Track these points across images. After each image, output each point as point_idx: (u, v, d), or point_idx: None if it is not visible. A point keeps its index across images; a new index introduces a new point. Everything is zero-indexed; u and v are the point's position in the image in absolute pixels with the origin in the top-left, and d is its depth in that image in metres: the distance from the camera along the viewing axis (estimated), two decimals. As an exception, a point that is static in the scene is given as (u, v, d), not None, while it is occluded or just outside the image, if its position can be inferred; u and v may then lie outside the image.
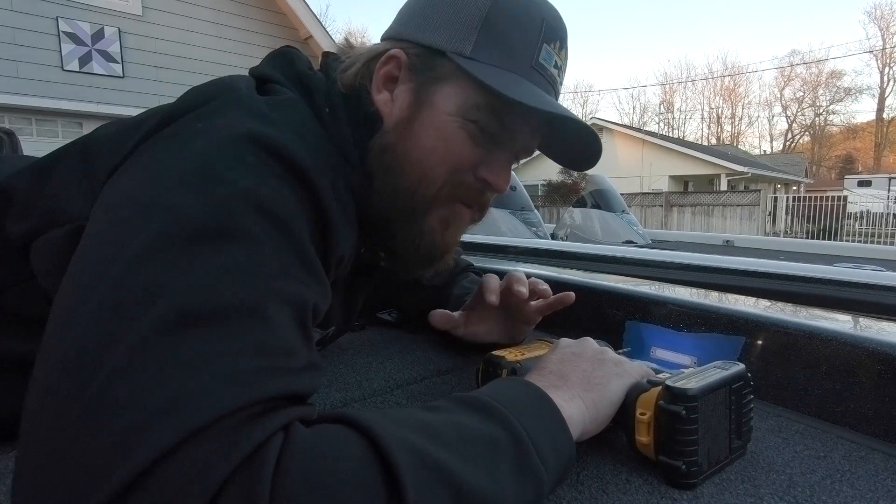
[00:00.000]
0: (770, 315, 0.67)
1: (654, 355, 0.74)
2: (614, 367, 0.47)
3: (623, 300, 0.81)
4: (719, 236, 3.89)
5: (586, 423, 0.43)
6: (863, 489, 0.43)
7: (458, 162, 0.51)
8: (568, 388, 0.43)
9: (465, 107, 0.50)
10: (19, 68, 5.25)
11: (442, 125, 0.50)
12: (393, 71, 0.52)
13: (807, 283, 1.38)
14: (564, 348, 0.50)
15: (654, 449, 0.43)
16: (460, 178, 0.52)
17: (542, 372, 0.46)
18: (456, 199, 0.54)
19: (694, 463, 0.42)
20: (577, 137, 0.54)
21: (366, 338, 0.86)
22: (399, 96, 0.52)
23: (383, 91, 0.52)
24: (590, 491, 0.42)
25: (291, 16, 6.71)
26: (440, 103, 0.50)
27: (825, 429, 0.55)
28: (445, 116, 0.50)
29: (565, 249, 2.17)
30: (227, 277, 0.32)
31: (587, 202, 4.43)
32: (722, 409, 0.45)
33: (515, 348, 0.59)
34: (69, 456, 0.25)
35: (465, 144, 0.51)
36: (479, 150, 0.52)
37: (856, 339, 0.57)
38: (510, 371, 0.54)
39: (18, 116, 5.38)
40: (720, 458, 0.45)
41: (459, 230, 0.57)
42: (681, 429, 0.42)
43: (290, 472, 0.26)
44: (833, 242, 5.70)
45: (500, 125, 0.51)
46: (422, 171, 0.51)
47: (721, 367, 0.47)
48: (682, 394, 0.42)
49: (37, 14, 5.29)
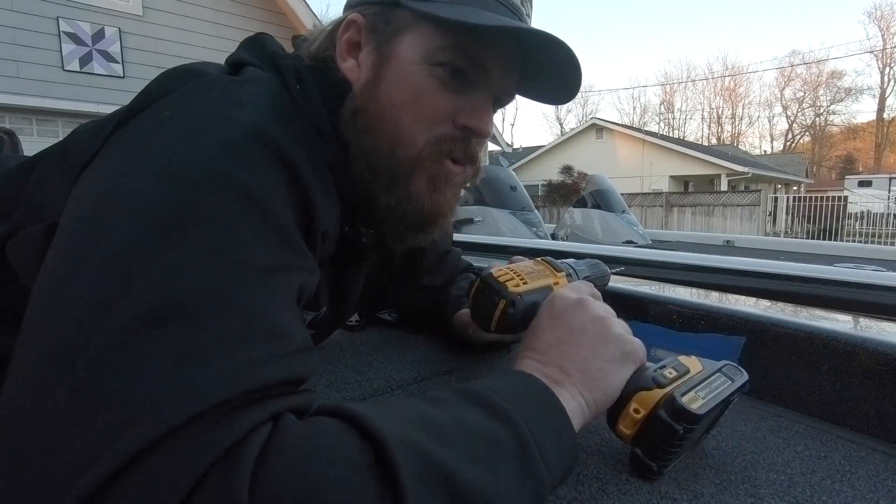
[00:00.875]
0: (770, 315, 0.67)
1: (655, 355, 0.74)
2: (616, 352, 0.44)
3: (623, 300, 0.81)
4: (719, 236, 3.90)
5: (585, 420, 0.42)
6: (863, 489, 0.43)
7: (433, 113, 0.49)
8: (569, 384, 0.42)
9: (429, 52, 0.48)
10: (20, 68, 5.24)
11: (409, 76, 0.48)
12: (354, 36, 0.51)
13: (807, 283, 1.38)
14: (562, 315, 0.47)
15: (633, 440, 0.42)
16: (440, 130, 0.50)
17: (540, 357, 0.44)
18: (443, 156, 0.51)
19: (666, 465, 0.42)
20: (554, 64, 0.50)
21: (366, 338, 0.86)
22: (364, 59, 0.50)
23: (348, 59, 0.51)
24: (590, 491, 0.42)
25: (291, 16, 6.72)
26: (403, 54, 0.48)
27: (825, 429, 0.55)
28: (411, 66, 0.48)
29: (565, 250, 2.17)
30: (203, 266, 0.31)
31: (587, 202, 4.43)
32: (711, 420, 0.44)
33: (517, 269, 0.53)
34: (42, 456, 0.25)
35: (437, 93, 0.48)
36: (453, 97, 0.49)
37: (856, 340, 0.57)
38: (509, 303, 0.50)
39: (19, 116, 5.38)
40: (686, 455, 0.45)
41: (451, 190, 0.54)
42: (672, 443, 0.40)
43: (274, 467, 0.25)
44: (833, 243, 5.70)
45: (468, 62, 0.49)
46: (398, 129, 0.49)
47: (729, 374, 0.45)
48: (687, 414, 0.39)
49: (37, 14, 5.29)
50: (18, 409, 0.27)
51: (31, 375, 0.28)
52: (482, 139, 0.52)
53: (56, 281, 0.32)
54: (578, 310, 0.47)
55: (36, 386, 0.27)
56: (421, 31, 0.48)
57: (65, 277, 0.31)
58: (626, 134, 19.76)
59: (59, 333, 0.28)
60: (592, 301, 0.48)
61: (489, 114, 0.52)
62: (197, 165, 0.35)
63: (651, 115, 39.51)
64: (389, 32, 0.49)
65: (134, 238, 0.31)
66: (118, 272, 0.30)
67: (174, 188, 0.33)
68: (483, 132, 0.51)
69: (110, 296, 0.29)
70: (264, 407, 0.28)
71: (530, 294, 0.51)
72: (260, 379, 0.28)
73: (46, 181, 0.45)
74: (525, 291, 0.51)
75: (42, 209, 0.43)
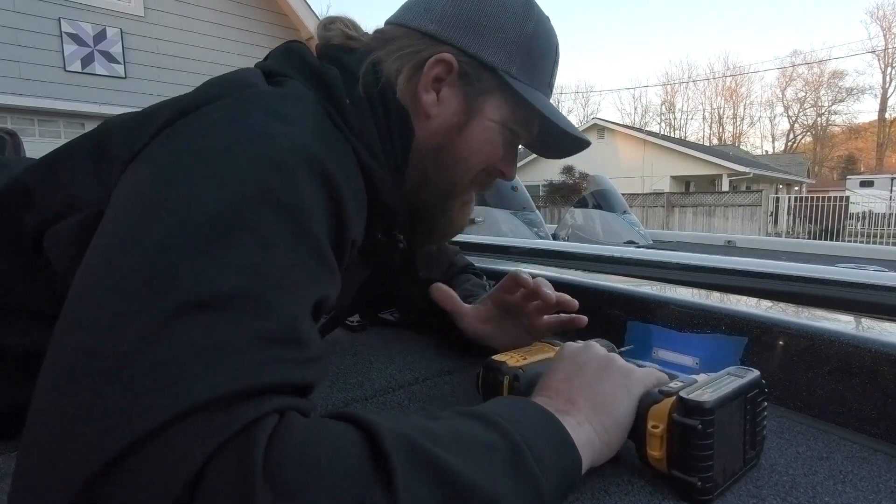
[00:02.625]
0: (772, 316, 0.67)
1: (656, 356, 0.74)
2: (622, 380, 0.45)
3: (624, 300, 0.81)
4: (721, 237, 3.89)
5: (596, 451, 0.41)
6: (865, 490, 0.43)
7: (492, 160, 0.60)
8: (576, 412, 0.42)
9: (506, 117, 0.58)
10: (22, 69, 5.26)
11: (489, 131, 0.58)
12: (442, 74, 0.55)
13: (809, 283, 1.38)
14: (568, 358, 0.49)
15: (667, 463, 0.41)
16: (487, 171, 0.61)
17: (548, 393, 0.45)
18: (476, 186, 0.63)
19: (709, 479, 0.40)
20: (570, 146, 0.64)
21: (367, 338, 0.86)
22: (446, 99, 0.56)
23: (430, 91, 0.56)
24: (592, 491, 0.42)
25: (293, 16, 6.73)
26: (488, 112, 0.57)
27: (827, 430, 0.55)
28: (492, 124, 0.58)
29: (567, 250, 2.17)
30: (238, 269, 0.33)
31: (588, 202, 4.43)
32: (737, 419, 0.43)
33: (517, 352, 0.57)
34: (84, 419, 0.27)
35: (501, 147, 0.60)
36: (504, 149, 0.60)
37: (858, 340, 0.57)
38: (512, 377, 0.52)
39: (21, 117, 5.39)
40: (735, 471, 0.43)
41: (469, 208, 0.66)
42: (696, 443, 0.39)
43: (284, 446, 0.28)
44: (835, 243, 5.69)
45: (528, 134, 0.61)
46: (467, 167, 0.59)
47: (736, 374, 0.45)
48: (698, 406, 0.39)
49: (39, 15, 5.30)
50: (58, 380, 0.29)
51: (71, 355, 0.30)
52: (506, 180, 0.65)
53: (102, 268, 0.33)
54: (584, 351, 0.49)
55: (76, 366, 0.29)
56: (504, 99, 0.57)
57: (108, 268, 0.33)
58: (627, 134, 19.75)
59: (100, 318, 0.30)
60: (598, 346, 0.50)
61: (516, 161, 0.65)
62: (243, 177, 0.36)
63: (652, 116, 39.56)
64: (479, 89, 0.56)
65: (180, 238, 0.33)
66: (163, 266, 0.32)
67: (221, 195, 0.35)
68: (511, 178, 0.64)
69: (153, 287, 0.31)
70: (276, 400, 0.30)
71: (532, 366, 0.53)
72: (277, 376, 0.31)
73: (82, 172, 0.46)
74: (526, 365, 0.54)
75: (79, 199, 0.44)
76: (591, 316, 0.77)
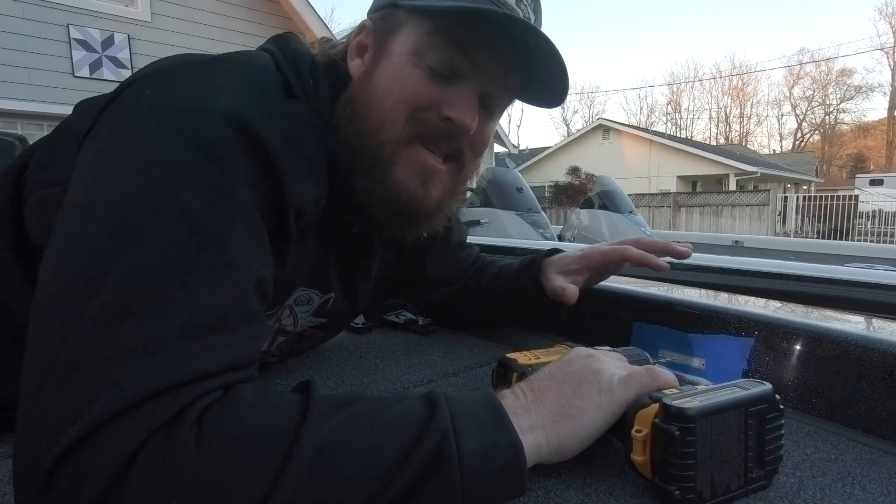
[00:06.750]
0: (780, 316, 0.66)
1: (663, 357, 0.74)
2: (597, 397, 0.43)
3: (631, 301, 0.81)
4: (728, 237, 3.87)
5: (543, 455, 0.41)
6: (875, 492, 0.43)
7: (415, 98, 0.51)
8: (537, 415, 0.41)
9: (417, 44, 0.51)
10: (31, 75, 5.31)
11: (397, 65, 0.52)
12: (363, 39, 0.56)
13: (817, 283, 1.36)
14: (564, 361, 0.47)
15: (650, 469, 0.40)
16: (423, 116, 0.51)
17: (523, 388, 0.44)
18: (420, 140, 0.52)
19: (690, 489, 0.38)
20: (547, 69, 0.52)
21: (372, 340, 0.87)
22: (367, 59, 0.56)
23: (356, 59, 0.56)
24: (597, 493, 0.42)
25: (297, 19, 6.76)
26: (395, 48, 0.53)
27: (836, 431, 0.54)
28: (400, 57, 0.52)
29: (572, 251, 2.15)
30: (164, 262, 0.35)
31: (594, 203, 4.42)
32: (734, 434, 0.40)
33: (531, 352, 0.58)
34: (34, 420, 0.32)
35: (420, 80, 0.51)
36: (438, 88, 0.51)
37: (868, 341, 0.56)
38: (521, 374, 0.54)
39: (30, 122, 5.45)
40: (730, 488, 0.41)
41: (441, 187, 0.55)
42: (675, 451, 0.38)
43: (221, 411, 0.32)
44: (844, 242, 5.64)
45: (451, 49, 0.50)
46: (380, 112, 0.51)
47: (742, 386, 0.43)
48: (680, 413, 0.38)
49: (48, 21, 5.35)
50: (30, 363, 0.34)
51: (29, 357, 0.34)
52: (467, 133, 0.53)
53: (48, 267, 0.37)
54: (580, 359, 0.47)
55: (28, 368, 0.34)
56: (414, 27, 0.52)
57: (52, 272, 0.36)
58: (633, 134, 19.67)
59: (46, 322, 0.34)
60: (604, 357, 0.47)
61: (474, 108, 0.52)
62: (168, 161, 0.38)
63: (658, 115, 39.40)
64: (387, 31, 0.54)
65: (107, 235, 0.35)
66: (93, 267, 0.34)
67: (145, 184, 0.37)
68: (465, 125, 0.52)
69: (85, 290, 0.34)
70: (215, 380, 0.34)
71: (542, 366, 0.51)
72: (204, 366, 0.34)
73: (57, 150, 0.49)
74: (536, 364, 0.54)
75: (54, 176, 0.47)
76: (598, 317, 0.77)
